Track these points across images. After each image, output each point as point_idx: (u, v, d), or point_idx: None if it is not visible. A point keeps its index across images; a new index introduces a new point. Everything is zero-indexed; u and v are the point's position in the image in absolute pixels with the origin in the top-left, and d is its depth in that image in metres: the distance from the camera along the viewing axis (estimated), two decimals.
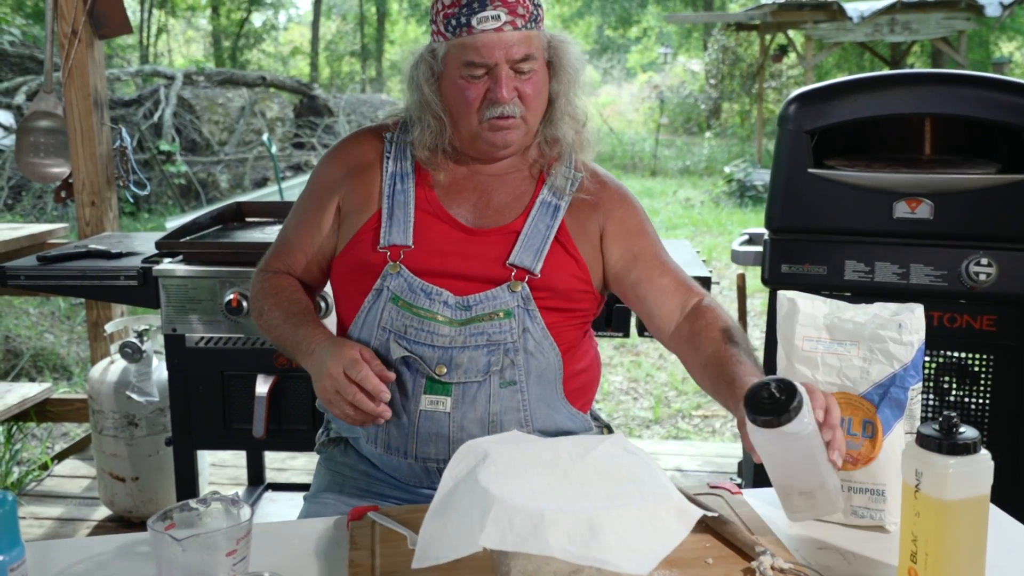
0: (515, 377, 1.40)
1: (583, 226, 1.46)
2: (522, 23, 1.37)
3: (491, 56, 1.36)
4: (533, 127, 1.44)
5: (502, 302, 1.39)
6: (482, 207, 1.45)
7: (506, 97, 1.37)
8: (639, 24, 26.17)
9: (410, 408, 1.39)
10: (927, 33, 12.85)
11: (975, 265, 2.10)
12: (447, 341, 1.37)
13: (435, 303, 1.39)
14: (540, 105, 1.43)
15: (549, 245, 1.42)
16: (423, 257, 1.41)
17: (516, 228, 1.43)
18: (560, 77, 1.44)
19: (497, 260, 1.41)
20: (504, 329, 1.39)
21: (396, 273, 1.41)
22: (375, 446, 1.44)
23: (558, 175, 1.47)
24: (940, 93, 2.13)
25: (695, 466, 3.36)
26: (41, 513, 2.91)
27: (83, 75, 2.93)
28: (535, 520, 0.92)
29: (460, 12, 1.36)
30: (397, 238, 1.42)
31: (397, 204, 1.44)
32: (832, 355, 1.21)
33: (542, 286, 1.41)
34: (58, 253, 2.38)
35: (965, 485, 0.97)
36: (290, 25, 27.03)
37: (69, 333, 5.55)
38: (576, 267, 1.44)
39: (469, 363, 1.38)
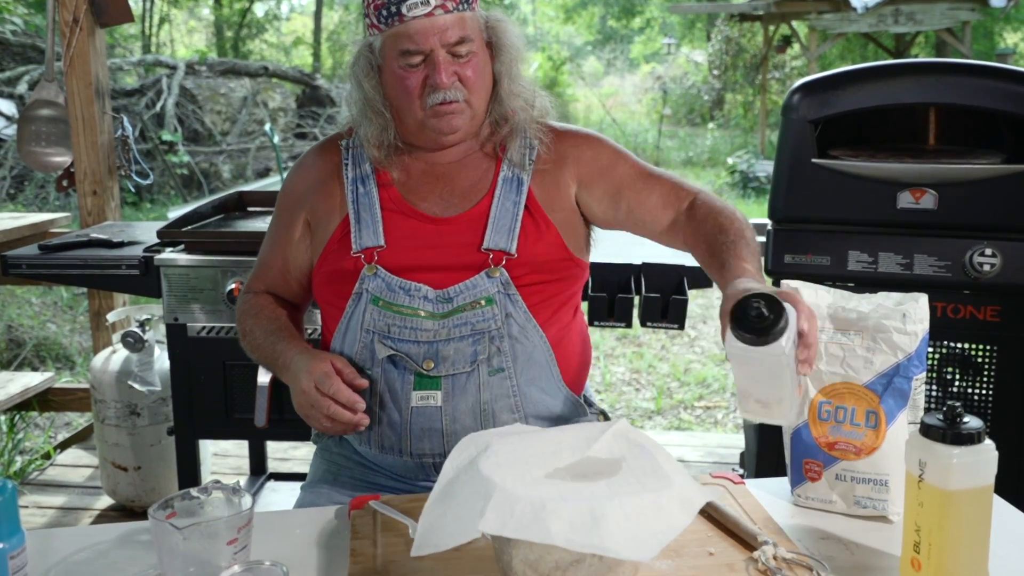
0: (503, 364, 1.39)
1: (552, 190, 1.44)
2: (453, 6, 1.36)
3: (425, 42, 1.35)
4: (479, 109, 1.42)
5: (482, 290, 1.38)
6: (446, 196, 1.44)
7: (445, 82, 1.36)
8: (642, 15, 26.07)
9: (401, 406, 1.38)
10: (931, 24, 12.80)
11: (979, 256, 2.09)
12: (431, 335, 1.37)
13: (415, 299, 1.38)
14: (483, 87, 1.42)
15: (520, 221, 1.41)
16: (397, 255, 1.41)
17: (484, 210, 1.42)
18: (501, 57, 1.43)
19: (471, 246, 1.40)
20: (487, 317, 1.38)
21: (373, 275, 1.40)
22: (369, 447, 1.43)
23: (514, 150, 1.45)
24: (945, 83, 2.12)
25: (697, 457, 3.36)
26: (43, 502, 2.92)
27: (84, 64, 2.92)
28: (536, 508, 0.91)
29: (390, 2, 1.35)
30: (368, 240, 1.41)
31: (363, 207, 1.43)
32: (835, 345, 1.20)
33: (520, 263, 1.40)
34: (60, 242, 2.38)
35: (969, 475, 0.96)
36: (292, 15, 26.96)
37: (71, 323, 5.56)
38: (551, 236, 1.43)
39: (456, 354, 1.37)
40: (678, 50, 21.56)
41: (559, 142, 1.48)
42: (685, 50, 22.00)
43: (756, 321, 1.04)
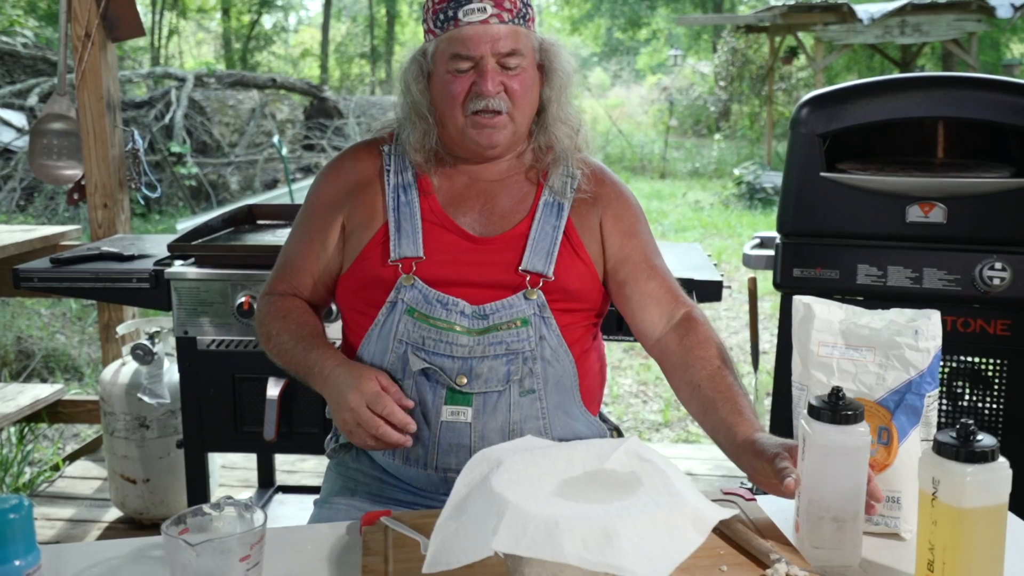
0: (534, 385, 1.39)
1: (586, 222, 1.46)
2: (509, 17, 1.37)
3: (476, 48, 1.36)
4: (521, 127, 1.43)
5: (518, 310, 1.39)
6: (487, 214, 1.44)
7: (491, 90, 1.36)
8: (648, 26, 26.16)
9: (431, 419, 1.38)
10: (938, 35, 12.80)
11: (989, 269, 2.09)
12: (466, 351, 1.37)
13: (452, 313, 1.38)
14: (529, 105, 1.42)
15: (558, 246, 1.42)
16: (435, 268, 1.40)
17: (523, 231, 1.43)
18: (552, 82, 1.44)
19: (509, 266, 1.41)
20: (522, 337, 1.38)
21: (410, 285, 1.39)
22: (392, 458, 1.42)
23: (555, 178, 1.46)
24: (953, 96, 2.12)
25: (705, 470, 3.35)
26: (52, 514, 2.92)
27: (96, 78, 2.94)
28: (549, 526, 0.91)
29: (448, 6, 1.37)
30: (408, 250, 1.41)
31: (403, 216, 1.43)
32: (848, 361, 1.20)
33: (555, 288, 1.41)
34: (71, 255, 2.39)
35: (983, 493, 0.96)
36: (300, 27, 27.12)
37: (80, 334, 5.58)
38: (584, 266, 1.45)
39: (489, 372, 1.37)
40: (684, 61, 21.61)
41: (598, 183, 1.49)
42: (691, 61, 22.06)
43: (842, 407, 1.05)
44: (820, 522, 1.07)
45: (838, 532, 1.07)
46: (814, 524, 1.08)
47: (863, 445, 1.06)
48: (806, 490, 1.08)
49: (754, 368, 2.64)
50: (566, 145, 1.46)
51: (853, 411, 1.05)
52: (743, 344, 5.63)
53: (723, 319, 6.10)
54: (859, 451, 1.06)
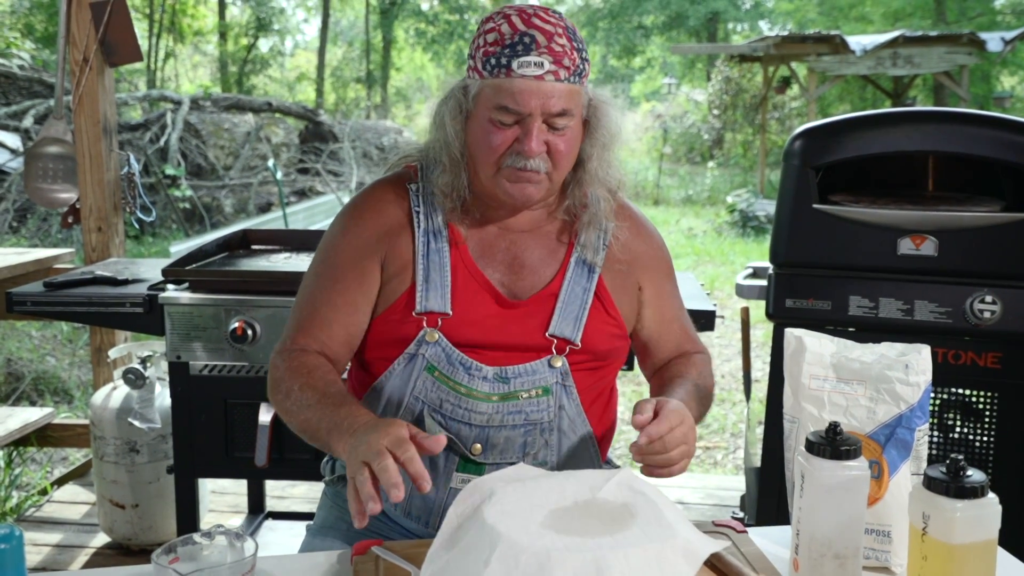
0: (547, 458, 1.36)
1: (622, 282, 1.43)
2: (565, 75, 1.28)
3: (527, 105, 1.27)
4: (557, 184, 1.36)
5: (541, 377, 1.35)
6: (516, 268, 1.39)
7: (535, 151, 1.28)
8: (643, 54, 26.41)
9: (439, 484, 1.34)
10: (929, 67, 12.96)
11: (979, 303, 2.10)
12: (485, 419, 1.32)
13: (474, 379, 1.33)
14: (569, 163, 1.35)
15: (587, 311, 1.38)
16: (461, 327, 1.34)
17: (553, 291, 1.37)
18: (595, 138, 1.36)
19: (536, 329, 1.35)
20: (542, 408, 1.35)
21: (434, 341, 1.33)
22: (394, 509, 1.39)
23: (588, 240, 1.40)
24: (945, 131, 2.15)
25: (697, 499, 3.34)
26: (39, 539, 2.89)
27: (93, 102, 2.95)
28: (541, 559, 0.91)
29: (502, 52, 1.28)
30: (435, 304, 1.34)
31: (432, 266, 1.35)
32: (839, 394, 1.21)
33: (582, 353, 1.37)
34: (64, 279, 2.39)
35: (973, 529, 0.97)
36: (296, 51, 27.28)
37: (71, 356, 5.55)
38: (614, 325, 1.41)
39: (506, 443, 1.34)
40: (678, 89, 21.79)
41: (635, 235, 1.46)
42: (685, 89, 22.24)
43: (840, 442, 1.06)
44: (821, 560, 1.07)
45: (840, 569, 1.06)
46: (815, 562, 1.07)
47: (863, 480, 1.06)
48: (805, 527, 1.07)
49: (746, 397, 2.64)
50: (601, 208, 1.40)
51: (851, 446, 1.06)
52: (735, 372, 5.63)
53: (715, 347, 6.11)
54: (858, 486, 1.06)
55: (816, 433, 1.09)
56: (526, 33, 1.27)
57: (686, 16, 23.53)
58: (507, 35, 1.28)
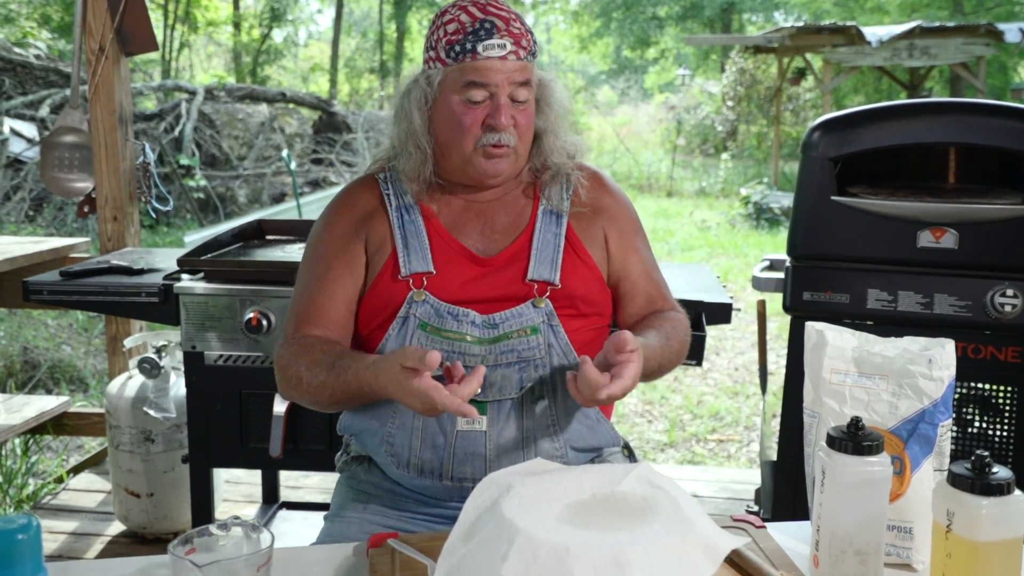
0: (544, 392, 1.41)
1: (589, 231, 1.50)
2: (524, 55, 1.42)
3: (493, 79, 1.39)
4: (523, 156, 1.47)
5: (528, 318, 1.42)
6: (487, 232, 1.48)
7: (505, 124, 1.39)
8: (657, 45, 26.28)
9: (446, 430, 1.38)
10: (946, 58, 12.84)
11: (1000, 296, 2.08)
12: (478, 360, 1.38)
13: (463, 324, 1.40)
14: (529, 136, 1.47)
15: (561, 253, 1.46)
16: (446, 284, 1.43)
17: (525, 243, 1.46)
18: (546, 114, 1.49)
19: (516, 278, 1.44)
20: (532, 345, 1.41)
21: (422, 300, 1.42)
22: (407, 470, 1.41)
23: (552, 192, 1.51)
24: (966, 122, 2.12)
25: (711, 492, 3.33)
26: (55, 527, 2.91)
27: (109, 91, 2.95)
28: (560, 554, 0.91)
29: (466, 39, 1.39)
30: (418, 265, 1.43)
31: (410, 234, 1.46)
32: (860, 389, 1.19)
33: (562, 295, 1.44)
34: (80, 268, 2.40)
35: (998, 527, 0.95)
36: (310, 42, 27.30)
37: (87, 345, 5.58)
38: (588, 271, 1.48)
39: (503, 380, 1.39)
40: (692, 80, 21.69)
41: (597, 189, 1.54)
42: (699, 81, 22.13)
43: (862, 438, 1.05)
44: (843, 556, 1.06)
45: (861, 566, 1.05)
46: (836, 558, 1.06)
47: (885, 476, 1.05)
48: (826, 523, 1.06)
49: (762, 390, 2.63)
50: (562, 165, 1.51)
51: (873, 442, 1.04)
52: (749, 365, 5.61)
53: (729, 339, 6.09)
54: (880, 482, 1.05)
55: (837, 428, 1.08)
56: (486, 20, 1.39)
57: (701, 7, 23.40)
58: (467, 23, 1.39)
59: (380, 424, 1.43)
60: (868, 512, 1.05)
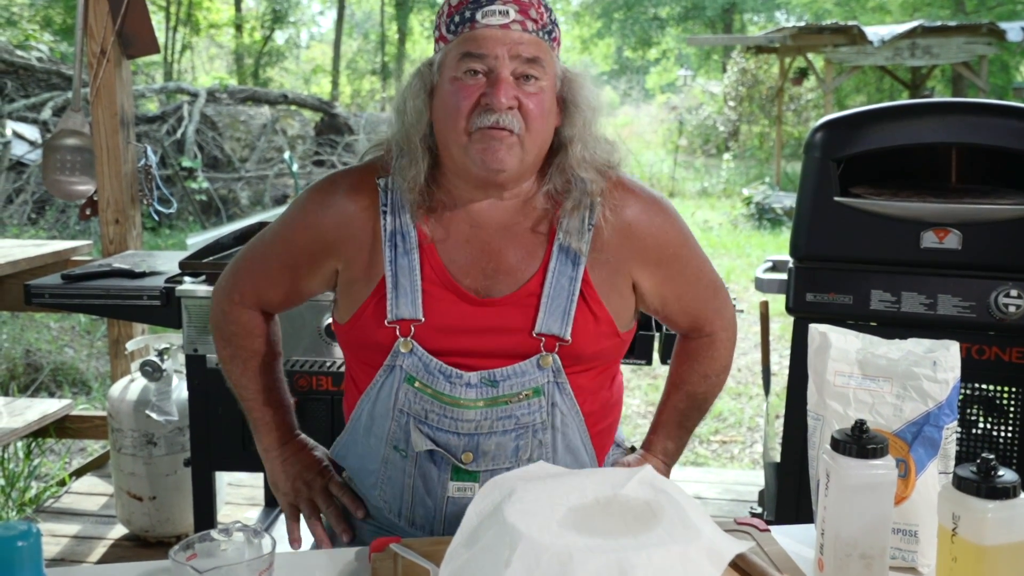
0: (542, 455, 1.30)
1: (609, 279, 1.30)
2: (533, 27, 1.22)
3: (492, 49, 1.20)
4: (530, 156, 1.24)
5: (531, 379, 1.27)
6: (492, 271, 1.28)
7: (503, 102, 1.19)
8: (658, 46, 26.27)
9: (436, 494, 1.31)
10: (948, 57, 12.82)
11: (1004, 296, 2.07)
12: (473, 427, 1.26)
13: (456, 387, 1.26)
14: (543, 132, 1.25)
15: (575, 302, 1.27)
16: (436, 334, 1.27)
17: (534, 290, 1.27)
18: (573, 119, 1.27)
19: (520, 330, 1.26)
20: (533, 409, 1.28)
21: (409, 352, 1.27)
22: (399, 519, 1.36)
23: (571, 225, 1.28)
24: (969, 123, 2.11)
25: (715, 494, 3.32)
26: (58, 530, 2.91)
27: (110, 94, 2.95)
28: (563, 559, 0.90)
29: (465, 8, 1.22)
30: (405, 311, 1.26)
31: (401, 271, 1.27)
32: (864, 391, 1.19)
33: (569, 354, 1.27)
34: (82, 272, 2.39)
35: (1005, 530, 0.94)
36: (312, 44, 27.32)
37: (89, 348, 5.58)
38: (605, 325, 1.30)
39: (497, 450, 1.28)
40: (694, 81, 21.66)
41: (628, 210, 1.31)
42: (701, 81, 22.11)
43: (867, 441, 1.04)
44: (847, 560, 1.05)
45: (866, 570, 1.04)
46: (841, 562, 1.05)
47: (889, 479, 1.04)
48: (831, 527, 1.06)
49: (765, 392, 2.62)
50: (591, 190, 1.27)
51: (878, 445, 1.04)
52: (752, 366, 5.60)
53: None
54: (885, 486, 1.04)
55: (842, 431, 1.07)
56: None
57: (702, 7, 23.39)
58: None
59: (373, 469, 1.35)
60: (873, 515, 1.04)
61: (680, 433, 1.50)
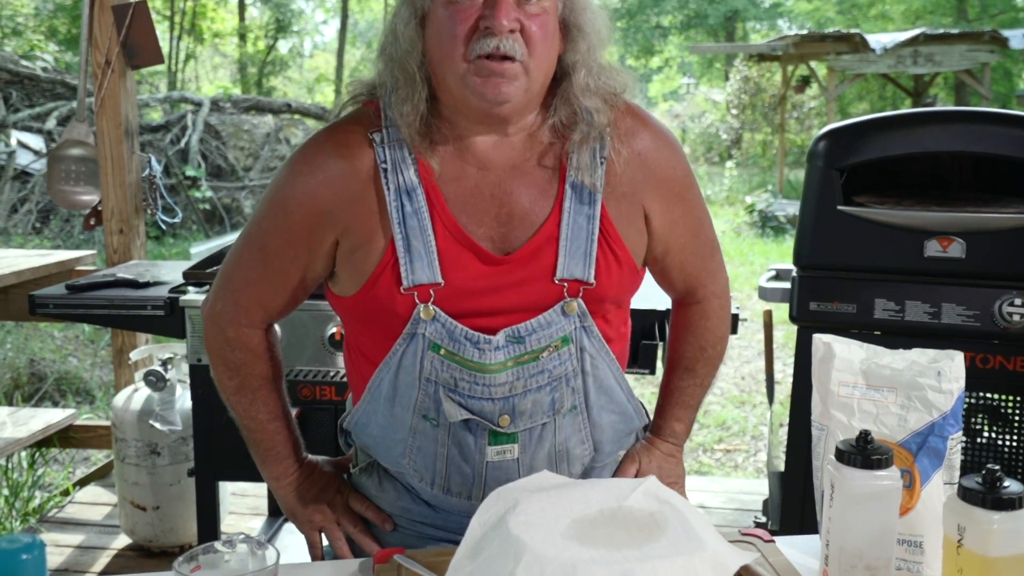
0: (576, 402, 1.25)
1: (626, 211, 1.24)
2: None
3: None
4: (535, 84, 1.16)
5: (557, 328, 1.21)
6: (504, 219, 1.21)
7: (504, 24, 1.09)
8: (661, 54, 26.33)
9: (474, 460, 1.24)
10: (950, 65, 12.84)
11: (1008, 305, 2.07)
12: (506, 390, 1.20)
13: (485, 352, 1.19)
14: (547, 58, 1.16)
15: (596, 242, 1.20)
16: (458, 296, 1.20)
17: (551, 232, 1.20)
18: (577, 44, 1.18)
19: (542, 278, 1.20)
20: (564, 359, 1.22)
21: (431, 319, 1.19)
22: (431, 487, 1.28)
23: (582, 160, 1.20)
24: (972, 131, 2.11)
25: (718, 503, 3.31)
26: (61, 541, 2.91)
27: (115, 105, 2.96)
28: (567, 571, 0.90)
29: None
30: (423, 275, 1.18)
31: (412, 232, 1.18)
32: (869, 401, 1.18)
33: (593, 296, 1.22)
34: (86, 282, 2.40)
35: (1011, 541, 0.94)
36: (315, 52, 27.42)
37: (93, 357, 5.59)
38: (627, 263, 1.25)
39: (534, 407, 1.22)
40: (697, 89, 21.71)
41: (640, 139, 1.24)
42: (704, 89, 22.15)
43: (871, 451, 1.04)
44: (852, 571, 1.05)
45: None
46: (846, 573, 1.05)
47: (894, 490, 1.04)
48: (835, 538, 1.05)
49: (769, 401, 2.62)
50: (595, 121, 1.20)
51: (883, 455, 1.03)
52: (755, 374, 5.59)
53: (735, 348, 6.07)
54: (890, 496, 1.04)
55: (846, 442, 1.07)
56: None
57: (704, 15, 23.44)
58: None
59: (401, 439, 1.28)
60: (878, 526, 1.04)
61: (686, 412, 1.46)
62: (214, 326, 1.32)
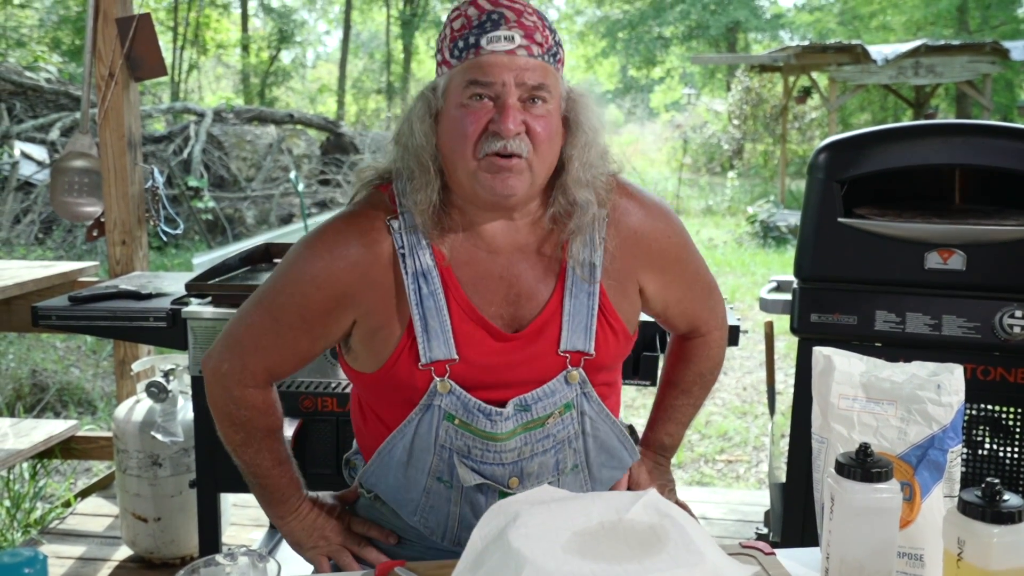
0: (577, 461, 1.36)
1: (620, 288, 1.34)
2: (539, 52, 1.22)
3: (498, 75, 1.19)
4: (539, 178, 1.25)
5: (561, 396, 1.31)
6: (513, 298, 1.30)
7: (511, 128, 1.18)
8: (663, 64, 26.39)
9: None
10: (952, 76, 12.86)
11: (1009, 317, 2.07)
12: (515, 455, 1.30)
13: (496, 423, 1.28)
14: (550, 154, 1.25)
15: (595, 318, 1.31)
16: (471, 371, 1.27)
17: (555, 309, 1.29)
18: (575, 138, 1.27)
19: (546, 352, 1.29)
20: (566, 424, 1.33)
21: (447, 392, 1.27)
22: (443, 540, 1.37)
23: (578, 250, 1.30)
24: (973, 144, 2.12)
25: (720, 514, 3.31)
26: (63, 552, 2.90)
27: (118, 116, 2.98)
28: None
29: (469, 33, 1.21)
30: (439, 352, 1.26)
31: (429, 312, 1.26)
32: (868, 414, 1.19)
33: (593, 365, 1.32)
34: (89, 293, 2.40)
35: (1010, 555, 0.94)
36: (318, 63, 27.50)
37: (95, 368, 5.60)
38: (622, 335, 1.35)
39: (540, 468, 1.33)
40: (698, 99, 21.75)
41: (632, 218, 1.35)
42: (705, 99, 22.19)
43: (871, 464, 1.04)
44: None
45: None
46: None
47: (894, 503, 1.04)
48: (836, 550, 1.06)
49: (770, 413, 2.62)
50: (588, 213, 1.28)
51: (883, 468, 1.04)
52: (757, 385, 5.59)
53: (737, 359, 6.07)
54: (890, 509, 1.04)
55: (846, 455, 1.07)
56: (494, 11, 1.21)
57: (706, 26, 23.51)
58: (474, 17, 1.22)
59: (414, 498, 1.35)
60: (878, 539, 1.04)
61: (677, 429, 1.56)
62: (220, 386, 1.36)
